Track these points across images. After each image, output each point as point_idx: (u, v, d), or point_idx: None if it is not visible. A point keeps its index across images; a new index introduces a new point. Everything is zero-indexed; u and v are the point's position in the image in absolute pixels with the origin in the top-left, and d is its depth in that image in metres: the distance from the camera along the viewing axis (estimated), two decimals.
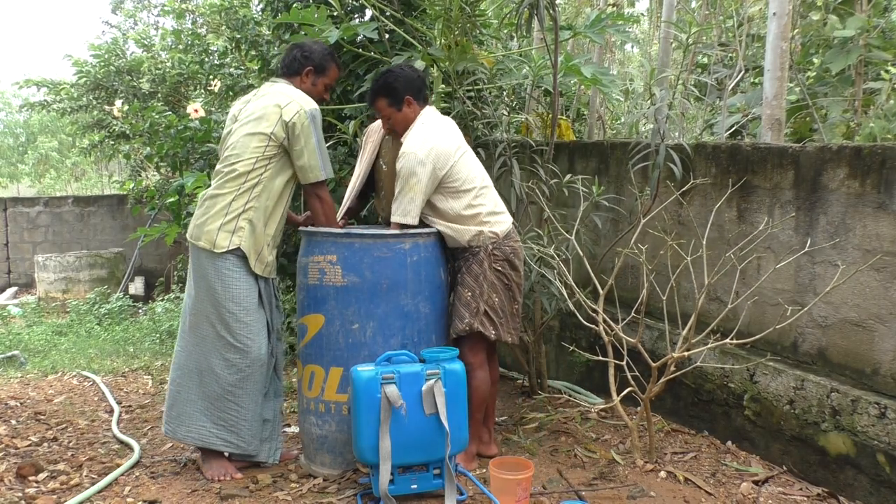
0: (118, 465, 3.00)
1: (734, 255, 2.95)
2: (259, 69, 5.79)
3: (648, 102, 4.22)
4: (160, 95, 8.23)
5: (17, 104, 14.95)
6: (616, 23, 3.66)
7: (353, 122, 4.04)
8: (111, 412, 3.86)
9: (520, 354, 3.74)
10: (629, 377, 2.97)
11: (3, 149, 17.82)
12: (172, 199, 4.87)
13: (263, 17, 5.67)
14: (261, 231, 2.80)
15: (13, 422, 3.64)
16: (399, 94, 2.89)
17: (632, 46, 9.53)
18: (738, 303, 3.04)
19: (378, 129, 3.25)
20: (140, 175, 8.67)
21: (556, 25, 3.31)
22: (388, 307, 2.76)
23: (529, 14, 3.27)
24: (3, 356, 5.57)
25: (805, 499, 2.67)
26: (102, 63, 8.58)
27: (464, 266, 2.89)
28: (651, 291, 3.07)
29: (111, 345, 6.06)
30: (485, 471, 2.84)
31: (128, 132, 7.86)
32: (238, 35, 5.99)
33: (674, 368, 2.90)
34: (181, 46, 8.28)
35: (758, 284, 2.98)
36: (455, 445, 2.61)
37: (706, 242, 2.97)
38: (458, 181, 2.83)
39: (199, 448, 2.91)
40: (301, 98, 2.81)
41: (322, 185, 2.87)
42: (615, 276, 3.11)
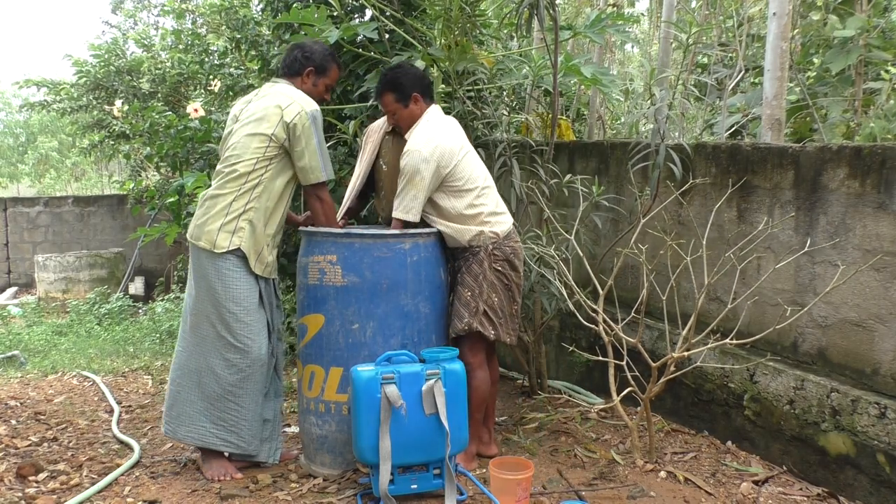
0: (118, 465, 3.00)
1: (734, 255, 2.95)
2: (259, 69, 5.79)
3: (648, 102, 4.22)
4: (160, 95, 8.23)
5: (17, 104, 14.95)
6: (616, 23, 3.66)
7: (353, 122, 4.04)
8: (111, 412, 3.86)
9: (520, 354, 3.74)
10: (629, 377, 2.97)
11: (3, 149, 17.82)
12: (172, 199, 4.87)
13: (263, 17, 5.67)
14: (261, 231, 2.81)
15: (13, 422, 3.64)
16: (407, 91, 2.89)
17: (632, 46, 9.53)
18: (738, 303, 3.04)
19: (378, 129, 3.25)
20: (140, 175, 8.67)
21: (556, 25, 3.31)
22: (388, 307, 2.76)
23: (529, 14, 3.27)
24: (3, 356, 5.57)
25: (805, 499, 2.67)
26: (102, 63, 8.58)
27: (464, 266, 2.89)
28: (651, 291, 3.07)
29: (111, 345, 6.06)
30: (485, 471, 2.84)
31: (128, 132, 7.86)
32: (238, 35, 5.99)
33: (674, 368, 2.90)
34: (181, 46, 8.28)
35: (758, 284, 2.98)
36: (455, 445, 2.61)
37: (706, 242, 2.97)
38: (461, 180, 2.84)
39: (199, 448, 2.91)
40: (302, 99, 2.81)
41: (322, 186, 2.87)
42: (615, 276, 3.11)
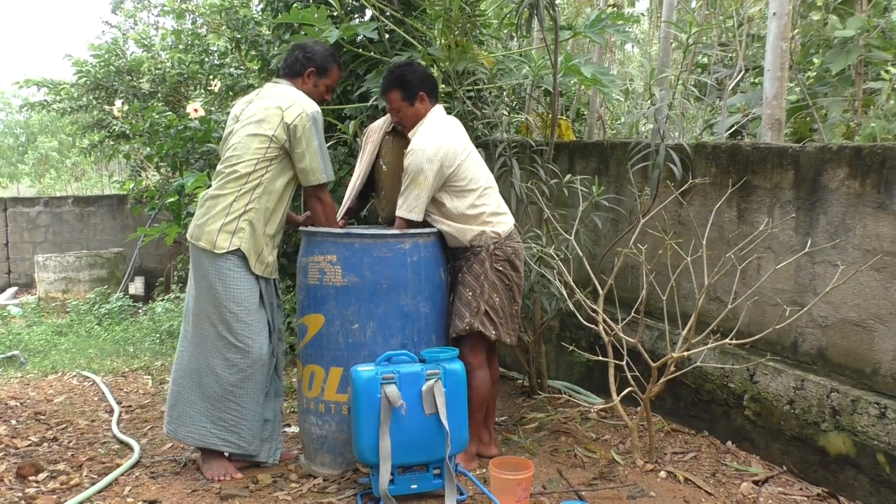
0: (118, 465, 3.00)
1: (734, 255, 2.95)
2: (259, 69, 5.79)
3: (648, 102, 4.22)
4: (160, 95, 8.23)
5: (17, 104, 14.95)
6: (616, 23, 3.66)
7: (353, 122, 4.04)
8: (111, 412, 3.86)
9: (520, 354, 3.74)
10: (629, 377, 2.97)
11: (3, 149, 17.82)
12: (172, 199, 4.87)
13: (263, 17, 5.67)
14: (261, 232, 2.81)
15: (13, 422, 3.64)
16: (413, 89, 2.89)
17: (632, 46, 9.53)
18: (738, 303, 3.04)
19: (378, 129, 3.25)
20: (140, 175, 8.68)
21: (556, 25, 3.31)
22: (388, 307, 2.76)
23: (529, 14, 3.27)
24: (3, 356, 5.57)
25: (805, 499, 2.67)
26: (102, 63, 8.58)
27: (465, 266, 2.89)
28: (651, 291, 3.07)
29: (111, 345, 6.06)
30: (485, 471, 2.84)
31: (128, 132, 7.86)
32: (238, 35, 5.99)
33: (674, 368, 2.90)
34: (181, 46, 8.28)
35: (758, 285, 2.98)
36: (455, 445, 2.61)
37: (706, 242, 2.97)
38: (464, 180, 2.84)
39: (199, 448, 2.91)
40: (303, 100, 2.81)
41: (323, 188, 2.88)
42: (615, 276, 3.11)
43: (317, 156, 2.80)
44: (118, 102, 7.50)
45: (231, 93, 6.50)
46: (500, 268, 2.88)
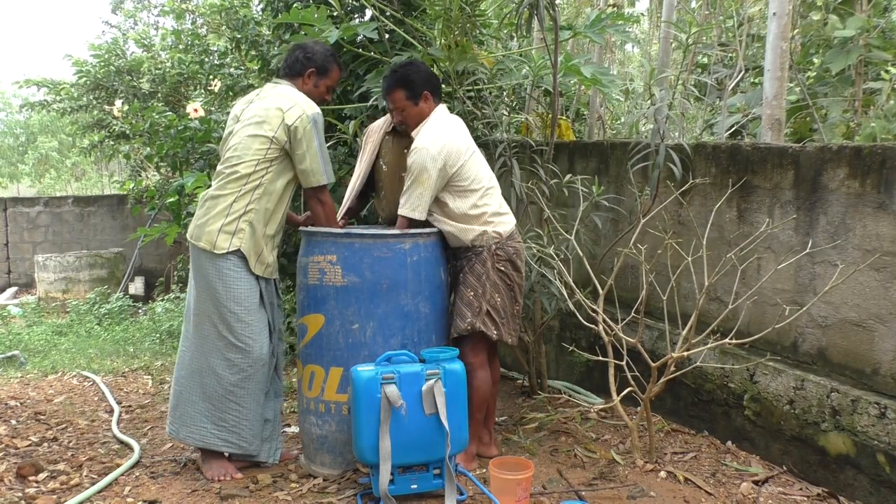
0: (118, 465, 3.00)
1: (734, 256, 2.95)
2: (259, 69, 5.79)
3: (648, 102, 4.22)
4: (160, 95, 8.23)
5: (17, 104, 14.95)
6: (616, 23, 3.66)
7: (353, 122, 4.04)
8: (111, 412, 3.86)
9: (520, 354, 3.74)
10: (629, 377, 2.97)
11: (3, 149, 17.81)
12: (172, 199, 4.87)
13: (263, 17, 5.67)
14: (261, 233, 2.81)
15: (13, 422, 3.64)
16: (417, 88, 2.88)
17: (632, 46, 9.53)
18: (739, 303, 3.04)
19: (378, 129, 3.25)
20: (140, 175, 8.68)
21: (556, 25, 3.31)
22: (388, 307, 2.76)
23: (529, 14, 3.27)
24: (3, 356, 5.57)
25: (805, 499, 2.67)
26: (102, 63, 8.58)
27: (466, 266, 2.89)
28: (651, 291, 3.07)
29: (111, 345, 6.06)
30: (485, 471, 2.84)
31: (128, 132, 7.86)
32: (238, 35, 5.99)
33: (674, 368, 2.90)
34: (181, 46, 8.28)
35: (758, 285, 2.98)
36: (455, 445, 2.61)
37: (706, 242, 2.97)
38: (467, 180, 2.84)
39: (199, 448, 2.91)
40: (303, 102, 2.81)
41: (323, 189, 2.88)
42: (615, 276, 3.11)
43: (317, 157, 2.80)
44: (118, 102, 7.50)
45: (231, 93, 6.50)
46: (502, 268, 2.88)
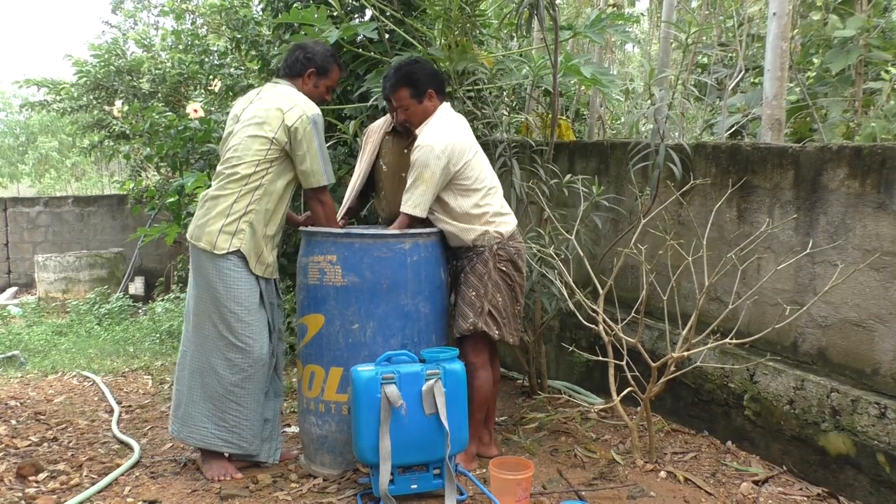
0: (118, 465, 3.00)
1: (734, 256, 2.95)
2: (259, 69, 5.79)
3: (648, 102, 4.22)
4: (160, 95, 8.23)
5: (18, 104, 14.95)
6: (616, 23, 3.66)
7: (353, 122, 4.04)
8: (111, 412, 3.86)
9: (520, 354, 3.74)
10: (629, 377, 2.97)
11: (3, 149, 17.81)
12: (172, 199, 4.87)
13: (263, 17, 5.67)
14: (261, 233, 2.81)
15: (13, 422, 3.64)
16: (422, 86, 2.87)
17: (632, 46, 9.54)
18: (739, 303, 3.04)
19: (378, 129, 3.25)
20: (140, 175, 8.68)
21: (556, 25, 3.31)
22: (388, 307, 2.76)
23: (529, 14, 3.27)
24: (3, 356, 5.57)
25: (805, 499, 2.67)
26: (102, 63, 8.58)
27: (468, 266, 2.89)
28: (651, 291, 3.07)
29: (111, 345, 6.06)
30: (485, 471, 2.84)
31: (128, 132, 7.86)
32: (238, 35, 5.99)
33: (674, 368, 2.90)
34: (181, 46, 8.28)
35: (758, 285, 2.98)
36: (455, 445, 2.61)
37: (706, 242, 2.97)
38: (470, 179, 2.83)
39: (200, 448, 2.91)
40: (303, 102, 2.81)
41: (323, 189, 2.87)
42: (615, 276, 3.11)
43: (317, 158, 2.80)
44: (118, 102, 7.50)
45: (231, 93, 6.50)
46: (503, 268, 2.88)
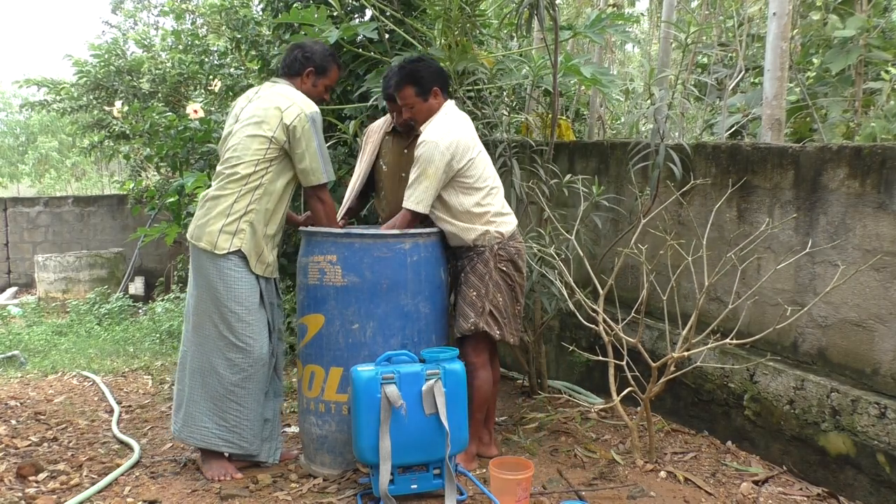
0: (118, 465, 3.00)
1: (734, 255, 2.95)
2: (259, 69, 5.79)
3: (648, 102, 4.22)
4: (160, 95, 8.23)
5: (18, 104, 14.95)
6: (616, 23, 3.66)
7: (353, 122, 4.04)
8: (111, 412, 3.86)
9: (520, 354, 3.74)
10: (629, 377, 2.97)
11: (3, 149, 17.82)
12: (172, 200, 4.87)
13: (263, 17, 5.67)
14: (261, 233, 2.81)
15: (13, 422, 3.64)
16: (427, 84, 2.86)
17: (632, 46, 9.54)
18: (739, 303, 3.04)
19: (378, 130, 3.25)
20: (140, 175, 8.68)
21: (556, 25, 3.31)
22: (388, 307, 2.76)
23: (529, 14, 3.27)
24: (3, 356, 5.57)
25: (805, 499, 2.67)
26: (102, 63, 8.58)
27: (468, 266, 2.89)
28: (651, 291, 3.07)
29: (111, 345, 6.06)
30: (485, 471, 2.84)
31: (128, 132, 7.86)
32: (238, 35, 5.99)
33: (674, 368, 2.90)
34: (181, 46, 8.28)
35: (758, 285, 2.98)
36: (455, 445, 2.61)
37: (706, 242, 2.97)
38: (472, 178, 2.83)
39: (200, 448, 2.91)
40: (302, 101, 2.80)
41: (323, 188, 2.87)
42: (615, 276, 3.11)
43: (316, 156, 2.79)
44: (118, 103, 7.49)
45: (231, 93, 6.50)
46: (504, 268, 2.88)
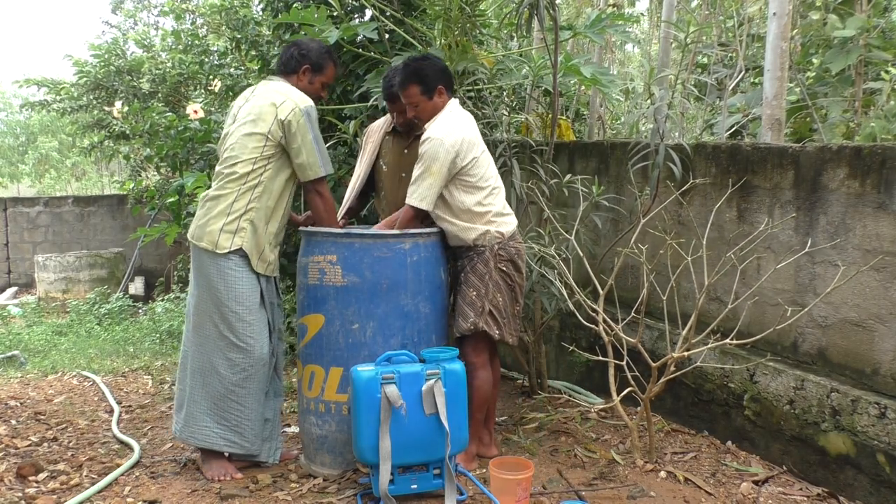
0: (118, 465, 3.00)
1: (734, 255, 2.95)
2: (259, 69, 5.79)
3: (648, 102, 4.22)
4: (160, 95, 8.23)
5: (18, 104, 14.96)
6: (616, 23, 3.66)
7: (353, 122, 4.04)
8: (111, 412, 3.86)
9: (520, 354, 3.74)
10: (629, 377, 2.97)
11: (4, 149, 17.82)
12: (172, 199, 4.87)
13: (263, 17, 5.67)
14: (262, 231, 2.80)
15: (13, 422, 3.64)
16: (432, 83, 2.86)
17: (632, 46, 9.54)
18: (739, 303, 3.04)
19: (378, 129, 3.24)
20: (140, 175, 8.68)
21: (556, 25, 3.31)
22: (388, 307, 2.76)
23: (529, 14, 3.27)
24: (3, 356, 5.57)
25: (805, 499, 2.67)
26: (102, 63, 8.58)
27: (468, 266, 2.89)
28: (651, 291, 3.07)
29: (111, 345, 6.06)
30: (485, 471, 2.84)
31: (128, 132, 7.86)
32: (238, 35, 5.99)
33: (674, 368, 2.90)
34: (181, 47, 8.28)
35: (758, 285, 2.98)
36: (455, 445, 2.61)
37: (706, 242, 2.97)
38: (475, 177, 2.83)
39: (200, 448, 2.91)
40: (296, 95, 2.80)
41: (322, 182, 2.86)
42: (615, 276, 3.11)
43: (313, 150, 2.78)
44: (118, 103, 7.50)
45: (231, 93, 6.49)
46: (504, 268, 2.88)
